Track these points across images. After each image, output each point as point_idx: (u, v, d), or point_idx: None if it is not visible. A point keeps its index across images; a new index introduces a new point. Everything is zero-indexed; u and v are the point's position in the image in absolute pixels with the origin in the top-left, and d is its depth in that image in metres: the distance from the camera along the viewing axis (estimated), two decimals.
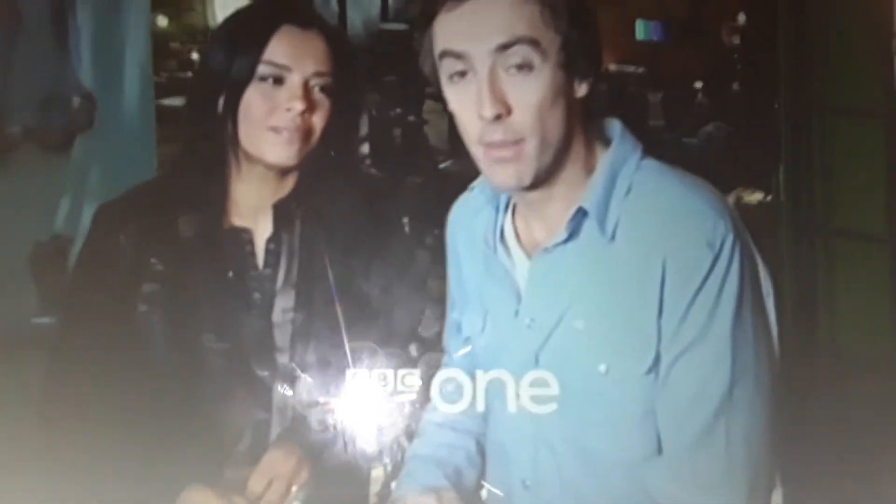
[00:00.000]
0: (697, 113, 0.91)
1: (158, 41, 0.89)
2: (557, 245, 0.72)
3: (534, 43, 0.69)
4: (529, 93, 0.69)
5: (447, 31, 0.70)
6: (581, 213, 0.71)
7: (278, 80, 0.78)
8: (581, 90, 0.71)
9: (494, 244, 0.75)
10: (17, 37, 0.88)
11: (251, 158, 0.80)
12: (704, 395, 0.71)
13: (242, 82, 0.78)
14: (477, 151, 0.71)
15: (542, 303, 0.73)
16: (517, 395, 0.76)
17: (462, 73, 0.70)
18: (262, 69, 0.78)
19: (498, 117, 0.69)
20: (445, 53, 0.70)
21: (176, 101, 0.90)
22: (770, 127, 0.90)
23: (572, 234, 0.72)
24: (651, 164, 0.72)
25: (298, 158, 0.79)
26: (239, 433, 0.80)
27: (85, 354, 0.80)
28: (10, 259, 0.85)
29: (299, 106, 0.78)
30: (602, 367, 0.72)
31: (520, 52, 0.69)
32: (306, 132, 0.79)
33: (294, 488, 0.79)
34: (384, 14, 0.93)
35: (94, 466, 0.76)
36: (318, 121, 0.79)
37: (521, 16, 0.69)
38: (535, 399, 0.76)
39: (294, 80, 0.78)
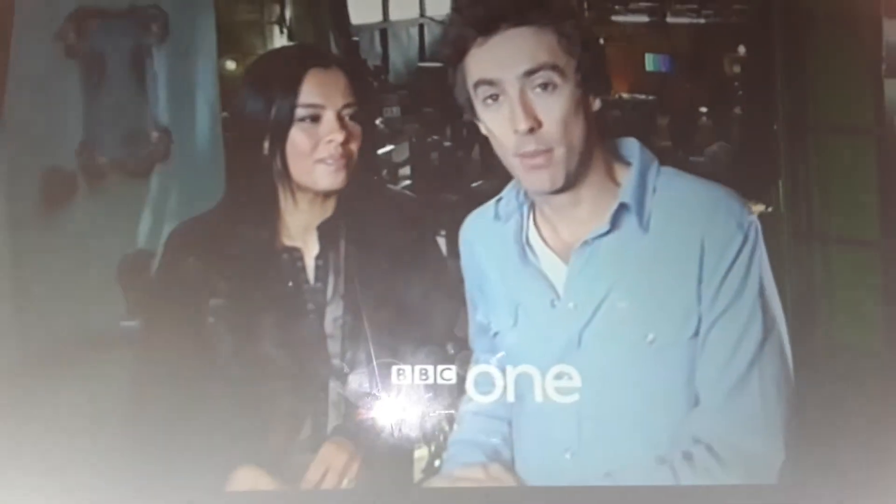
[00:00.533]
0: (703, 134, 0.99)
1: (226, 82, 0.98)
2: (596, 238, 0.84)
3: (555, 67, 0.82)
4: (555, 108, 0.82)
5: (479, 63, 0.83)
6: (622, 208, 0.83)
7: (315, 119, 0.89)
8: (596, 104, 0.84)
9: (523, 246, 0.86)
10: (103, 83, 0.98)
11: (303, 188, 0.91)
12: (740, 349, 0.82)
13: (285, 126, 0.89)
14: (513, 162, 0.84)
15: (584, 289, 0.85)
16: (543, 388, 0.86)
17: (495, 97, 0.83)
18: (300, 112, 0.89)
19: (531, 130, 0.81)
20: (480, 82, 0.83)
21: None
22: (769, 145, 0.97)
23: (613, 226, 0.83)
24: (669, 170, 0.86)
25: (346, 182, 0.90)
26: (299, 425, 0.90)
27: (166, 357, 0.91)
28: (101, 270, 0.94)
29: (339, 137, 0.89)
30: (650, 337, 0.83)
31: (544, 76, 0.82)
32: (348, 158, 0.90)
33: (345, 480, 0.89)
34: (421, 54, 1.04)
35: (174, 447, 0.87)
36: (354, 146, 0.90)
37: (542, 45, 0.82)
38: (559, 390, 0.86)
39: (329, 116, 0.89)
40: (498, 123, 0.83)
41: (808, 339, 0.87)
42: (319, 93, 0.89)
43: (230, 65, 1.00)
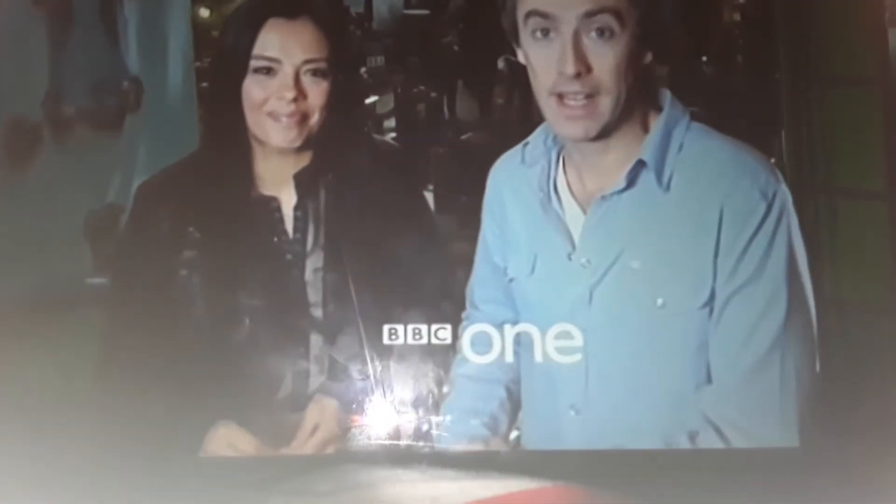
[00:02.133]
0: (703, 84, 0.96)
1: (200, 30, 0.94)
2: (614, 193, 0.80)
3: (616, 13, 0.78)
4: (608, 56, 0.79)
5: None
6: (640, 165, 0.79)
7: (270, 71, 0.85)
8: (647, 58, 0.80)
9: (549, 192, 0.82)
10: (70, 29, 0.94)
11: (260, 141, 0.87)
12: (760, 329, 0.77)
13: (239, 75, 0.86)
14: (549, 102, 0.80)
15: (598, 245, 0.81)
16: (543, 347, 0.82)
17: (545, 32, 0.79)
18: (253, 63, 0.86)
19: (578, 75, 0.77)
20: (533, 13, 0.80)
21: None
22: (771, 95, 0.93)
23: (630, 183, 0.80)
24: (699, 126, 0.82)
25: (301, 140, 0.86)
26: (279, 382, 0.85)
27: (135, 313, 0.86)
28: (67, 226, 0.90)
29: (289, 94, 0.85)
30: (659, 301, 0.79)
31: (603, 20, 0.79)
32: (302, 115, 0.86)
33: (333, 439, 0.83)
34: (407, 1, 0.99)
35: (142, 409, 0.82)
36: (314, 102, 0.86)
37: None
38: (560, 350, 0.82)
39: (286, 70, 0.86)
40: (543, 60, 0.80)
41: (815, 294, 0.83)
42: (276, 45, 0.86)
43: (203, 12, 0.95)
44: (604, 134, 0.81)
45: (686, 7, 0.97)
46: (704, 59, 0.96)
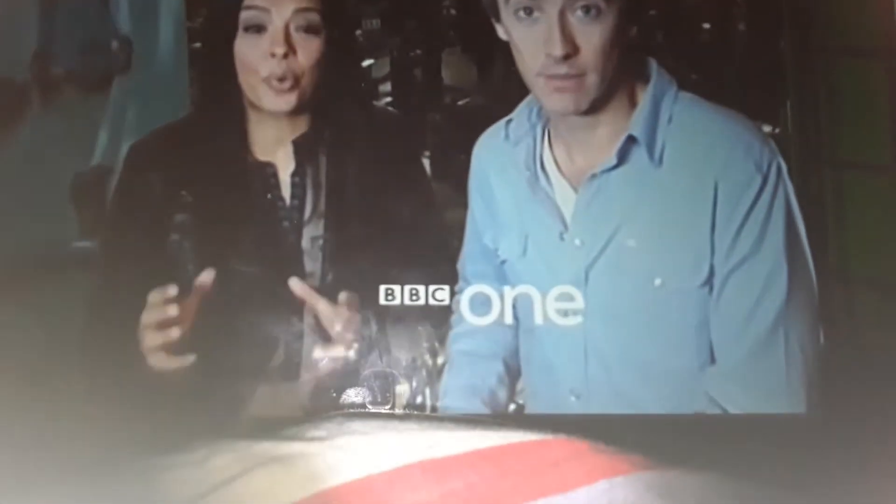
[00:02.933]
0: (705, 52, 0.94)
1: None
2: (605, 171, 0.78)
3: None
4: (596, 35, 0.77)
5: None
6: (630, 140, 0.77)
7: (261, 28, 0.82)
8: (633, 30, 0.77)
9: (535, 170, 0.80)
10: None
11: (254, 105, 0.85)
12: (762, 305, 0.75)
13: (230, 32, 0.84)
14: (536, 81, 0.78)
15: (591, 224, 0.79)
16: (543, 309, 0.80)
17: (529, 11, 0.77)
18: (243, 15, 0.83)
19: (566, 56, 0.75)
20: None
21: None
22: (776, 65, 0.91)
23: (621, 159, 0.77)
24: (687, 96, 0.80)
25: (295, 104, 0.83)
26: (271, 351, 0.83)
27: (123, 278, 0.84)
28: (54, 189, 0.88)
29: (279, 50, 0.82)
30: (657, 281, 0.77)
31: None
32: (295, 76, 0.83)
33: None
34: None
35: (130, 377, 0.80)
36: (305, 60, 0.83)
37: None
38: (561, 312, 0.80)
39: (276, 24, 0.83)
40: (529, 41, 0.79)
41: (819, 267, 0.81)
42: None
43: None
44: (592, 109, 0.79)
45: None
46: (707, 27, 0.94)
